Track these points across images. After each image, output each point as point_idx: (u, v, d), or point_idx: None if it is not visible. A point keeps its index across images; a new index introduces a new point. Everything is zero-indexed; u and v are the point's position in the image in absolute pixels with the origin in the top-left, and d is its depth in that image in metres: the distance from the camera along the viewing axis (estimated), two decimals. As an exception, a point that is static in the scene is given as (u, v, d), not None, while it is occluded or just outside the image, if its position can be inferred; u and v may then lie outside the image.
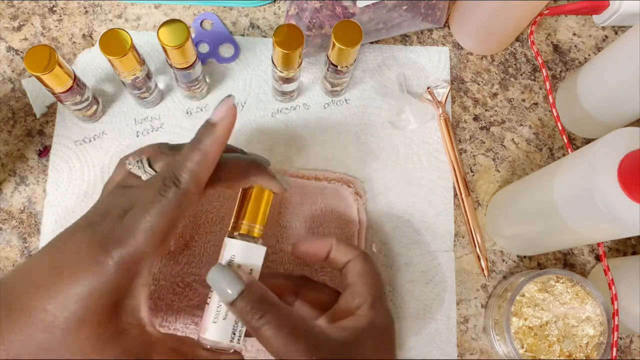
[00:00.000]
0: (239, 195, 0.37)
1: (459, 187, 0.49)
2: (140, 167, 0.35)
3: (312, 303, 0.38)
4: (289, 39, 0.41)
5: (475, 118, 0.52)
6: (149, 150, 0.36)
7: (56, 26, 0.52)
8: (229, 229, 0.36)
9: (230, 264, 0.34)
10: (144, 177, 0.35)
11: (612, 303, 0.44)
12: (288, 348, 0.31)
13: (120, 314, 0.30)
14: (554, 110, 0.52)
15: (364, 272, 0.37)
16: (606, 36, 0.55)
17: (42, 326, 0.28)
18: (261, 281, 0.34)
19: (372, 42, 0.53)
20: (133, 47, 0.41)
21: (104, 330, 0.29)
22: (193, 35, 0.52)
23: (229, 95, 0.34)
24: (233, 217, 0.36)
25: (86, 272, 0.29)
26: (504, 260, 0.49)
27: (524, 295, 0.43)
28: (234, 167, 0.35)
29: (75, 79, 0.43)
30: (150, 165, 0.35)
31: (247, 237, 0.35)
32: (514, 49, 0.54)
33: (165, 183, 0.31)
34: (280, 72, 0.45)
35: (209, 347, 0.34)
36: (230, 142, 0.49)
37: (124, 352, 0.30)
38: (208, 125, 0.33)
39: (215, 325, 0.34)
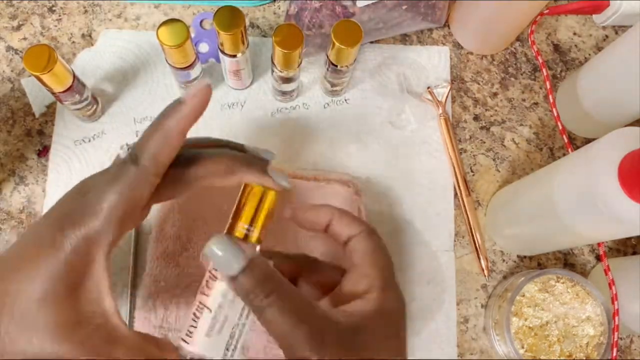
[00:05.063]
0: (238, 195, 0.33)
1: (459, 187, 0.49)
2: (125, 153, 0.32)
3: (315, 284, 0.35)
4: (289, 38, 0.41)
5: (476, 118, 0.52)
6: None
7: (55, 26, 0.52)
8: (225, 230, 0.33)
9: (230, 237, 0.31)
10: None
11: (613, 303, 0.44)
12: (292, 332, 0.28)
13: (80, 301, 0.29)
14: (554, 110, 0.52)
15: (370, 250, 0.33)
16: (606, 36, 0.55)
17: (7, 309, 0.28)
18: None
19: (372, 42, 0.53)
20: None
21: (63, 318, 0.28)
22: (193, 35, 0.52)
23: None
24: (230, 217, 0.33)
25: (44, 254, 0.28)
26: (504, 260, 0.49)
27: (524, 295, 0.43)
28: (216, 162, 0.33)
29: (75, 78, 0.43)
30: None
31: (243, 241, 0.32)
32: (514, 48, 0.54)
33: (124, 162, 0.30)
34: (280, 72, 0.45)
35: (188, 358, 0.30)
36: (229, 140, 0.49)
37: (83, 343, 0.28)
38: (176, 104, 0.31)
39: (209, 339, 0.30)
